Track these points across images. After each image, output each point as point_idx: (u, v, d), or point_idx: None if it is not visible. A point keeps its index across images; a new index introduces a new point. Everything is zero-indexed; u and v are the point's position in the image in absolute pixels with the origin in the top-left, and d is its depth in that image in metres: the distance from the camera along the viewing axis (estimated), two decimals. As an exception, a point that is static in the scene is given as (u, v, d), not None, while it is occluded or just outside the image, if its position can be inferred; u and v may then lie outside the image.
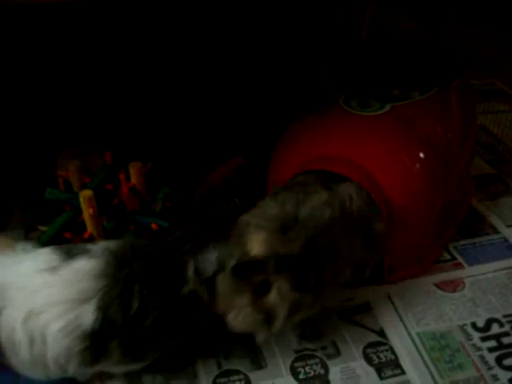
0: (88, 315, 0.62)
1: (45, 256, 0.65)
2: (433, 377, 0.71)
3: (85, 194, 0.75)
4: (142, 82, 1.08)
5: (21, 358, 0.63)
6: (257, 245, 0.64)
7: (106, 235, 0.80)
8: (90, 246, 0.65)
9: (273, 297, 0.65)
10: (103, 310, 0.62)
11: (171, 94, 1.10)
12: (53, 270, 0.63)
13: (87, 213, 0.76)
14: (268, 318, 0.66)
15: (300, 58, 1.09)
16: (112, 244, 0.66)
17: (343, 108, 0.86)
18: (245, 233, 0.66)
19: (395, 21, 1.02)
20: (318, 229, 0.66)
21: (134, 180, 0.80)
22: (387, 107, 0.86)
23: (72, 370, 0.64)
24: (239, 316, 0.66)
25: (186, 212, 0.94)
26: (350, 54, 1.02)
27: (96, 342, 0.62)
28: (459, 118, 0.88)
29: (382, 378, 0.71)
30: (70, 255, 0.64)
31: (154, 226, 0.78)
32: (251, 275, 0.65)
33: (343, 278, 0.70)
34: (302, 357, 0.74)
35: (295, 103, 1.05)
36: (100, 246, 0.65)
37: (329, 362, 0.73)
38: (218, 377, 0.72)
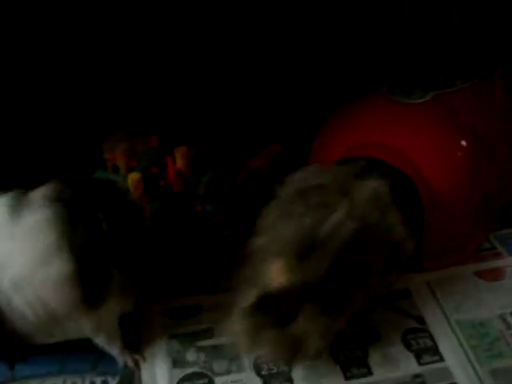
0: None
1: None
2: (472, 364, 0.72)
3: (133, 177, 0.77)
4: (187, 67, 1.10)
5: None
6: (279, 275, 0.59)
7: (151, 217, 0.82)
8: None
9: (301, 325, 0.61)
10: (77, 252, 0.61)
11: (215, 79, 1.11)
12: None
13: (135, 195, 0.77)
14: (298, 345, 0.62)
15: (342, 42, 1.09)
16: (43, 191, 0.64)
17: (386, 95, 0.87)
18: (263, 261, 0.60)
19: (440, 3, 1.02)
20: (341, 246, 0.61)
21: (179, 164, 0.82)
22: (430, 95, 0.86)
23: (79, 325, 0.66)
24: (269, 354, 0.64)
25: (227, 197, 0.95)
26: (391, 39, 1.02)
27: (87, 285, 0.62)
28: (503, 107, 0.88)
29: (420, 364, 0.72)
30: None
31: (198, 208, 0.80)
32: (275, 309, 0.60)
33: (372, 290, 0.68)
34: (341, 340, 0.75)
35: (337, 90, 1.06)
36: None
37: (368, 347, 0.74)
38: (259, 357, 0.73)
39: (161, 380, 0.72)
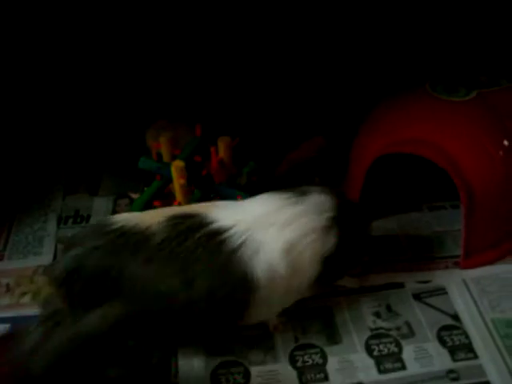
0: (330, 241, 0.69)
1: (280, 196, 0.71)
2: (506, 363, 0.72)
3: (177, 165, 0.78)
4: (232, 58, 1.11)
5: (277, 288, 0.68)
6: None
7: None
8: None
9: None
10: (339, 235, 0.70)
11: (260, 71, 1.12)
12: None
13: (178, 183, 0.79)
14: None
15: (388, 37, 1.09)
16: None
17: (429, 92, 0.87)
18: None
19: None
20: None
21: (222, 153, 0.83)
22: (473, 93, 0.86)
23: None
24: None
25: (268, 188, 0.96)
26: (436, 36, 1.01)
27: (329, 265, 0.70)
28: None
29: (455, 360, 0.72)
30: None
31: (239, 198, 0.81)
32: None
33: None
34: (376, 335, 0.76)
35: (378, 84, 1.06)
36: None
37: (403, 342, 0.75)
38: (295, 349, 0.74)
39: (197, 366, 0.73)
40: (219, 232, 0.66)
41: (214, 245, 0.66)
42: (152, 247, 0.65)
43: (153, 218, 0.68)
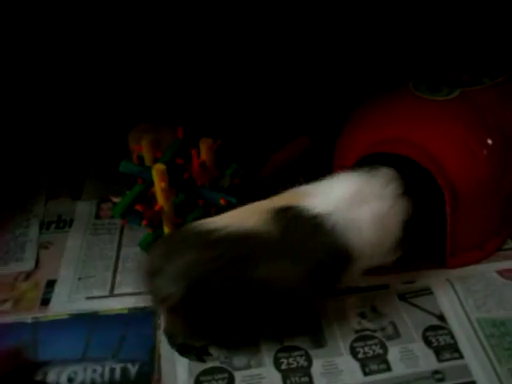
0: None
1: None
2: (491, 363, 0.72)
3: (158, 168, 0.77)
4: (213, 60, 1.10)
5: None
6: None
7: (175, 209, 0.83)
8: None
9: None
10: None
11: (241, 72, 1.11)
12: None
13: (159, 186, 0.78)
14: None
15: (370, 37, 1.09)
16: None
17: (412, 92, 0.87)
18: None
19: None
20: None
21: (204, 156, 0.82)
22: (456, 92, 0.86)
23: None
24: None
25: (252, 189, 0.96)
26: (418, 37, 1.01)
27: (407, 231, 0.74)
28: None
29: (440, 361, 0.72)
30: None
31: (222, 201, 0.80)
32: None
33: None
34: (361, 337, 0.75)
35: (362, 84, 1.05)
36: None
37: (388, 343, 0.74)
38: (279, 351, 0.74)
39: (181, 372, 0.72)
40: (318, 217, 0.69)
41: (316, 228, 0.68)
42: (273, 244, 0.67)
43: (252, 216, 0.69)
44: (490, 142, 0.82)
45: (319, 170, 0.98)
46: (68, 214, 0.96)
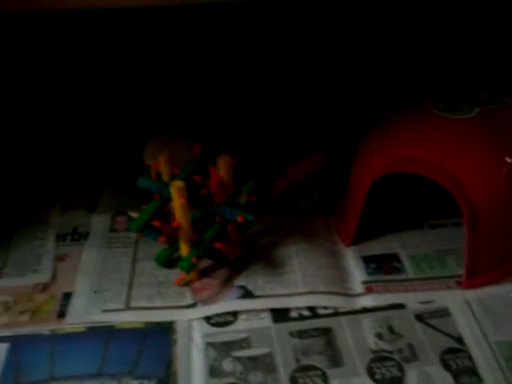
0: None
1: None
2: (510, 387, 0.71)
3: (177, 185, 0.77)
4: (229, 77, 1.10)
5: None
6: None
7: (192, 224, 0.83)
8: None
9: None
10: None
11: (258, 88, 1.11)
12: None
13: (177, 203, 0.78)
14: None
15: (389, 54, 1.09)
16: None
17: (431, 110, 0.86)
18: None
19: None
20: None
21: (221, 172, 0.82)
22: (476, 111, 0.85)
23: None
24: None
25: (265, 205, 0.96)
26: (437, 55, 1.01)
27: None
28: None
29: (458, 384, 0.72)
30: None
31: (239, 218, 0.80)
32: None
33: None
34: (378, 358, 0.75)
35: (379, 102, 1.05)
36: None
37: (405, 365, 0.73)
38: (295, 371, 0.73)
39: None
40: None
41: None
42: None
43: None
44: (509, 160, 0.81)
45: (334, 186, 0.99)
46: (83, 227, 0.96)
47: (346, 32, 1.08)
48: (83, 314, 0.81)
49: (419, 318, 0.79)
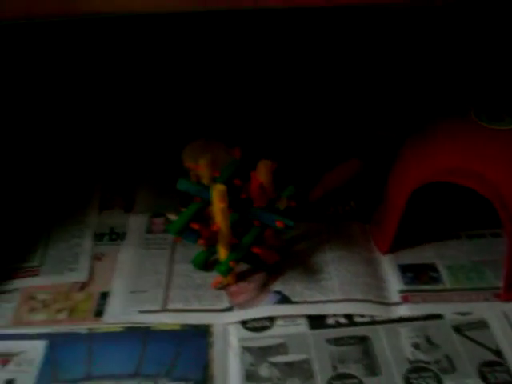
0: None
1: None
2: (549, 402, 0.70)
3: (218, 189, 0.77)
4: (270, 85, 1.11)
5: None
6: None
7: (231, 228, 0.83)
8: None
9: None
10: None
11: (296, 96, 1.12)
12: None
13: (218, 206, 0.78)
14: None
15: (432, 62, 1.08)
16: None
17: (474, 120, 0.86)
18: None
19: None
20: None
21: (262, 177, 0.82)
22: (519, 122, 0.85)
23: None
24: None
25: (301, 211, 0.96)
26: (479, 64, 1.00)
27: None
28: None
29: (496, 398, 0.71)
30: None
31: (279, 223, 0.80)
32: None
33: None
34: (415, 368, 0.74)
35: (415, 110, 1.05)
36: None
37: (443, 377, 0.73)
38: (332, 378, 0.73)
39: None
40: None
41: None
42: None
43: None
44: (551, 172, 0.81)
45: (371, 194, 0.99)
46: (120, 227, 0.96)
47: (387, 39, 1.08)
48: (120, 314, 0.82)
49: (457, 329, 0.79)
